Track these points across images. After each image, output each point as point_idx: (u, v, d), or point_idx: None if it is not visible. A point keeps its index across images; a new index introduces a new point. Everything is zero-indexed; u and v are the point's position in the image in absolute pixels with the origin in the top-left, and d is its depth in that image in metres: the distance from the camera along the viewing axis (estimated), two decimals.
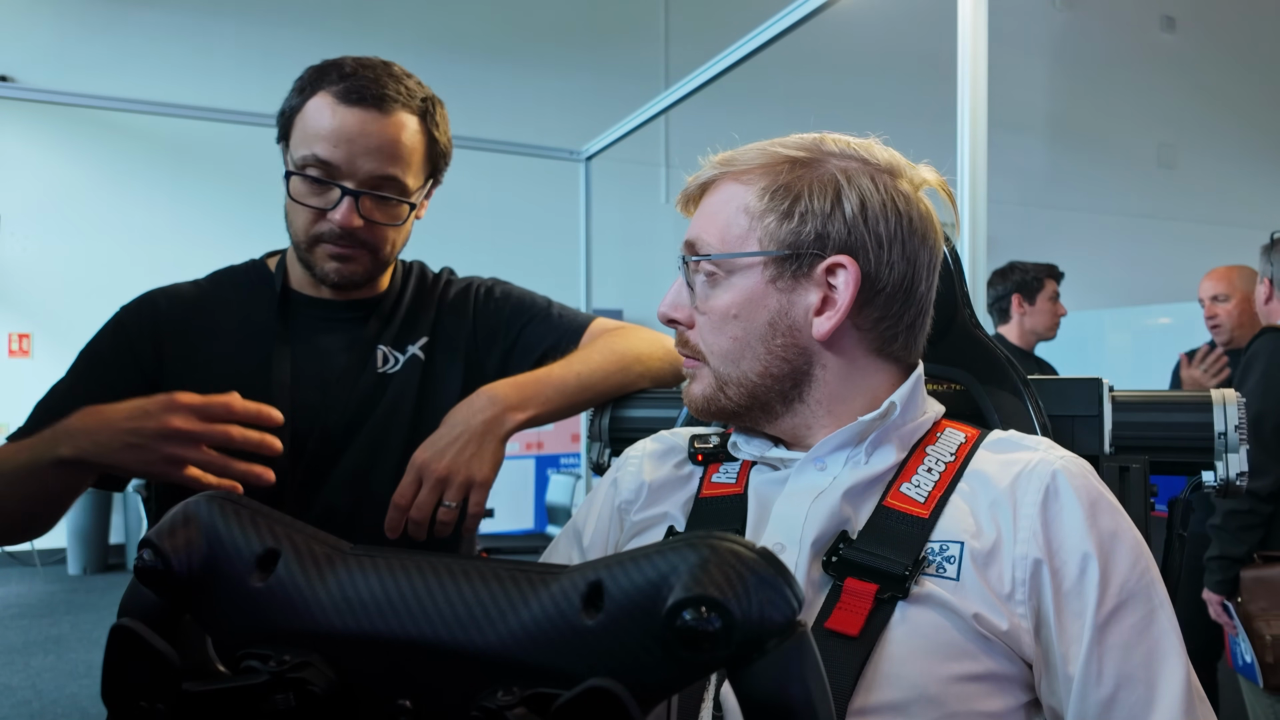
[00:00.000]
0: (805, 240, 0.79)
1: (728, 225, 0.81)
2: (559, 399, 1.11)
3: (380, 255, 1.13)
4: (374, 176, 1.07)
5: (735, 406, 0.84)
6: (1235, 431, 0.93)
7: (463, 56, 6.52)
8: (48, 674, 3.90)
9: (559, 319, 1.25)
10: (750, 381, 0.82)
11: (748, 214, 0.81)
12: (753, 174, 0.82)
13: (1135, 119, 8.97)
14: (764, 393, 0.82)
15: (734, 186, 0.83)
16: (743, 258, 0.81)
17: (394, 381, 1.17)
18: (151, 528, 0.50)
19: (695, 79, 2.69)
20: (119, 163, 5.87)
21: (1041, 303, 3.10)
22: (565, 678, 0.41)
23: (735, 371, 0.82)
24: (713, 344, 0.83)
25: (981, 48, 1.62)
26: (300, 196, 1.07)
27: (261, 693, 0.45)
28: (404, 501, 1.02)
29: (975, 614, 0.71)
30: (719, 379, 0.83)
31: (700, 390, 0.85)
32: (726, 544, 0.41)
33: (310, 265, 1.12)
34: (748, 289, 0.81)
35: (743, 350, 0.81)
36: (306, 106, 1.08)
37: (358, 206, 1.07)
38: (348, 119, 1.05)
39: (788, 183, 0.80)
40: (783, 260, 0.79)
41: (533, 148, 3.78)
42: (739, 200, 0.82)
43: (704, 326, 0.84)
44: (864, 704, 0.69)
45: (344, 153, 1.05)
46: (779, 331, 0.80)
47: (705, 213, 0.84)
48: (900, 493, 0.78)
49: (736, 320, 0.81)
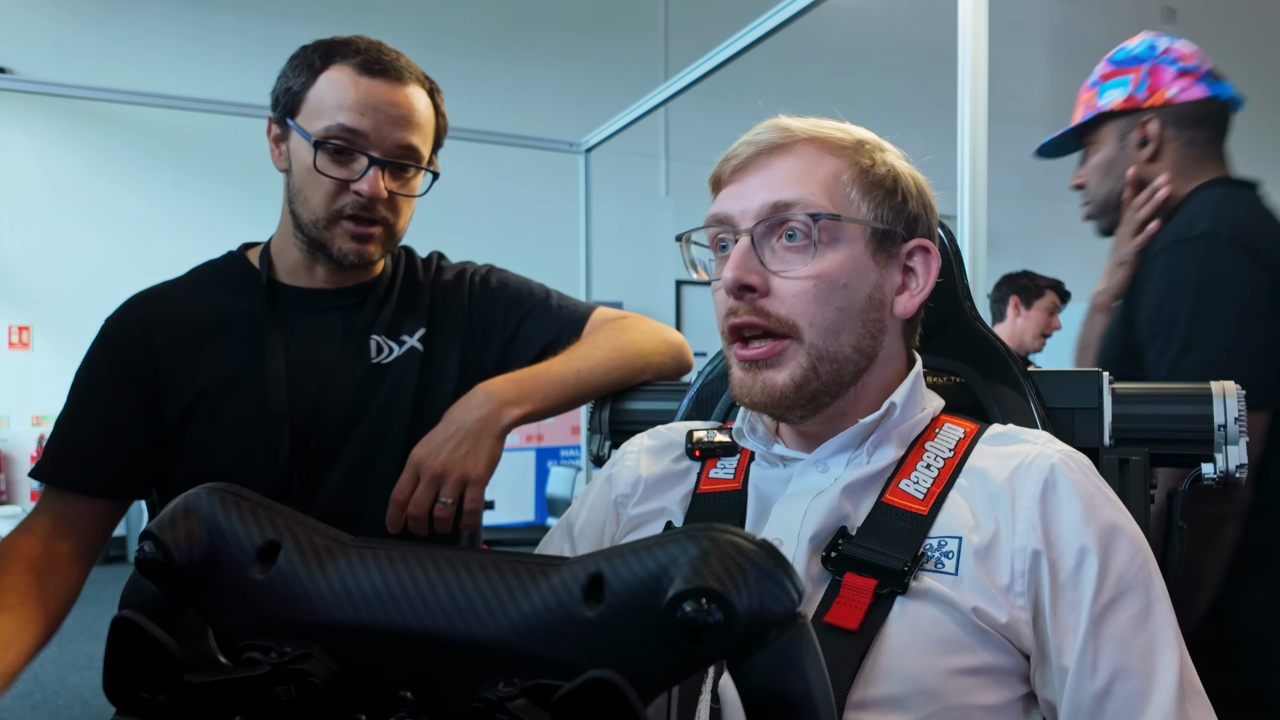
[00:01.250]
0: (902, 220, 0.81)
1: (827, 189, 0.78)
2: (558, 395, 1.11)
3: (395, 230, 1.13)
4: (399, 146, 1.07)
5: (821, 388, 0.79)
6: (1235, 423, 0.93)
7: (462, 48, 6.50)
8: (49, 665, 3.91)
9: (559, 309, 1.23)
10: (844, 356, 0.79)
11: (853, 184, 0.80)
12: (842, 147, 0.81)
13: None
14: (850, 371, 0.80)
15: (819, 154, 0.80)
16: (853, 224, 0.79)
17: (391, 373, 1.16)
18: (152, 520, 0.50)
19: (695, 71, 2.69)
20: (118, 155, 5.86)
21: (1036, 311, 3.11)
22: (566, 669, 0.41)
23: (834, 345, 0.78)
24: (815, 314, 0.77)
25: (982, 40, 1.61)
26: (325, 168, 1.06)
27: (263, 684, 0.45)
28: (402, 498, 1.02)
29: (974, 608, 0.71)
30: (815, 354, 0.78)
31: (789, 374, 0.78)
32: (727, 536, 0.41)
33: (325, 245, 1.10)
34: (855, 258, 0.79)
35: (845, 322, 0.78)
36: (320, 80, 1.07)
37: (383, 176, 1.07)
38: (373, 89, 1.06)
39: (881, 162, 0.81)
40: (885, 235, 0.81)
41: (532, 139, 3.76)
42: (830, 168, 0.79)
43: (803, 295, 0.77)
44: (862, 697, 0.69)
45: (371, 121, 1.05)
46: (874, 305, 0.80)
47: (788, 174, 0.79)
48: (899, 489, 0.78)
49: (845, 289, 0.78)
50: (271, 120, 1.12)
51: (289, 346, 1.13)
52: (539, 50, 6.82)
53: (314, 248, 1.12)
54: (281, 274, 1.17)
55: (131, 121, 5.78)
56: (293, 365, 1.12)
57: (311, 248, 1.12)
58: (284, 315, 1.15)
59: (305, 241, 1.12)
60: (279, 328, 1.14)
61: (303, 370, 1.13)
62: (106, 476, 1.10)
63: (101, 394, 1.11)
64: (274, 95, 1.12)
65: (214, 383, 1.11)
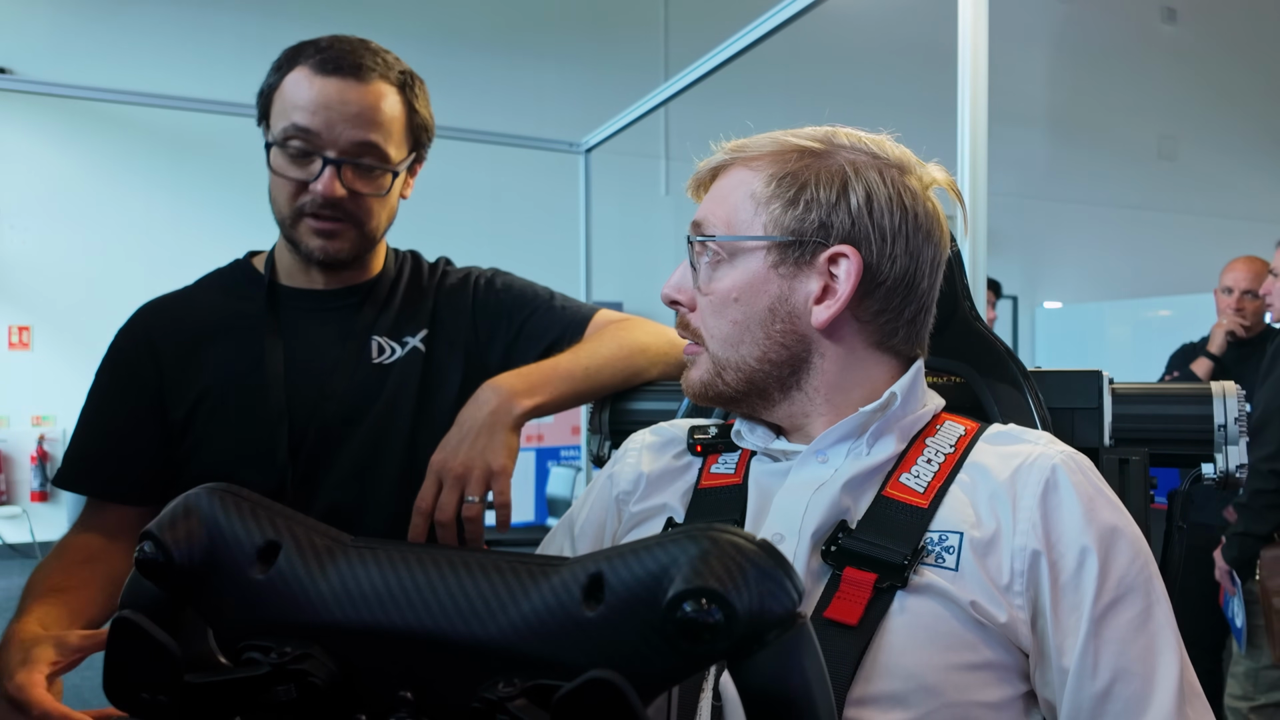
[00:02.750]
0: (809, 228, 0.79)
1: (735, 209, 0.82)
2: (566, 388, 1.11)
3: (366, 229, 1.12)
4: (355, 144, 1.06)
5: (732, 392, 0.84)
6: (1235, 424, 0.93)
7: (462, 48, 6.50)
8: None
9: (562, 310, 1.23)
10: (748, 366, 0.82)
11: (754, 199, 0.81)
12: (762, 161, 0.82)
13: (1136, 111, 8.95)
14: (761, 379, 0.83)
15: (743, 172, 0.83)
16: (747, 241, 0.81)
17: (393, 373, 1.16)
18: (153, 520, 0.50)
19: (695, 71, 2.68)
20: (118, 155, 5.86)
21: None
22: (566, 669, 0.41)
23: (734, 356, 0.83)
24: (713, 327, 0.83)
25: (982, 40, 1.61)
26: (281, 169, 1.07)
27: (263, 684, 0.45)
28: (426, 505, 1.01)
29: (973, 602, 0.71)
30: (717, 363, 0.84)
31: (698, 375, 0.86)
32: (727, 536, 0.41)
33: (295, 244, 1.11)
34: (750, 273, 0.81)
35: (742, 334, 0.82)
36: (284, 82, 1.08)
37: (340, 176, 1.06)
38: (326, 88, 1.05)
39: (795, 170, 0.80)
40: (786, 246, 0.80)
41: (532, 140, 3.76)
42: (747, 186, 0.82)
43: (705, 309, 0.84)
44: (863, 694, 0.69)
45: (323, 120, 1.05)
46: (779, 317, 0.81)
47: (714, 196, 0.85)
48: (899, 483, 0.78)
49: (737, 304, 0.82)
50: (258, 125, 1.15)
51: (289, 347, 1.14)
52: (539, 50, 6.82)
53: (291, 245, 1.14)
54: (282, 277, 1.18)
55: (131, 121, 5.78)
56: (292, 365, 1.13)
57: (290, 245, 1.14)
58: (284, 317, 1.16)
59: (284, 239, 1.15)
60: (279, 329, 1.15)
61: (302, 370, 1.13)
62: (128, 484, 1.12)
63: (117, 407, 1.14)
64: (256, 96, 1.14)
65: (215, 383, 1.12)
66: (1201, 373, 3.02)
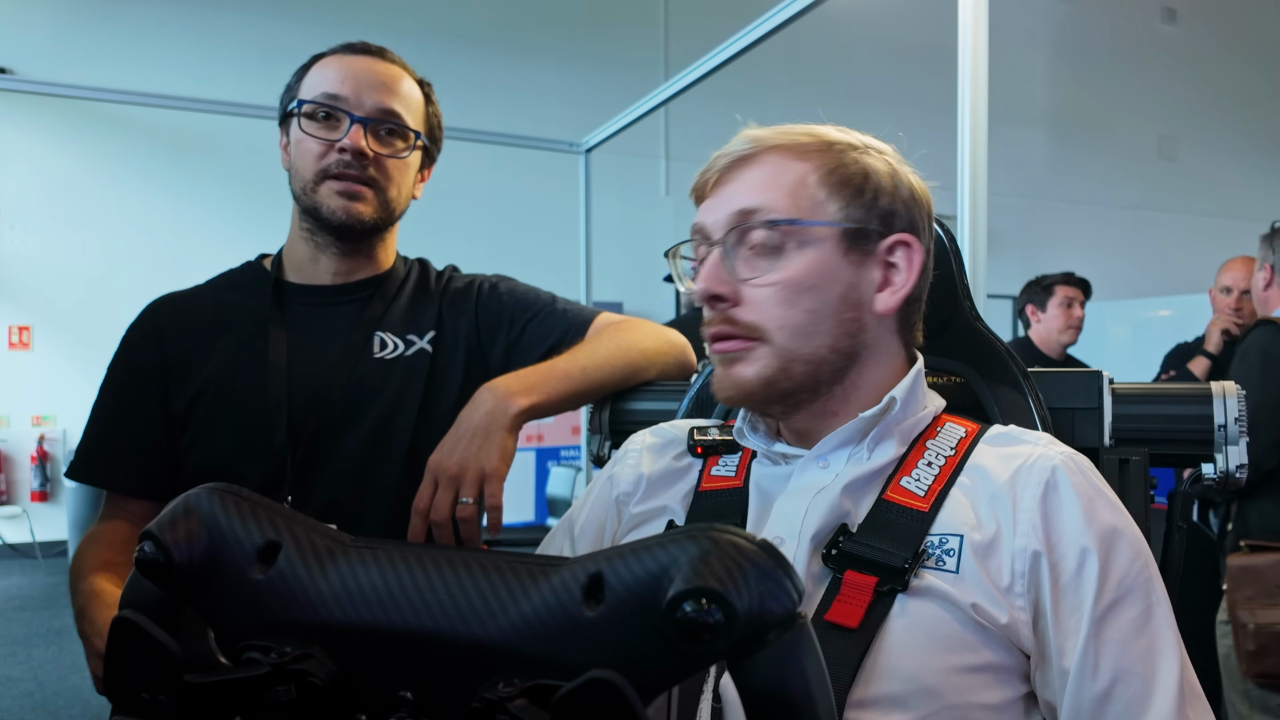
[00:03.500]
0: (874, 217, 0.81)
1: (791, 195, 0.80)
2: (564, 388, 1.11)
3: (386, 197, 1.16)
4: (379, 109, 1.13)
5: (796, 386, 0.80)
6: (1235, 424, 0.93)
7: (462, 48, 6.50)
8: (50, 666, 3.91)
9: (564, 313, 1.24)
10: (819, 357, 0.80)
11: (816, 187, 0.80)
12: (808, 151, 0.82)
13: (1136, 111, 8.95)
14: (827, 370, 0.81)
15: (786, 160, 0.81)
16: (819, 227, 0.80)
17: (396, 370, 1.17)
18: (153, 520, 0.50)
19: (695, 71, 2.68)
20: (118, 155, 5.86)
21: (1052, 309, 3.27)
22: (566, 669, 0.41)
23: (806, 347, 0.79)
24: (782, 318, 0.79)
25: (982, 39, 1.61)
26: (310, 130, 1.12)
27: (263, 684, 0.45)
28: (422, 505, 1.01)
29: (974, 604, 0.71)
30: (785, 356, 0.79)
31: (756, 371, 0.80)
32: (727, 536, 0.41)
33: (316, 209, 1.13)
34: (822, 260, 0.80)
35: (817, 323, 0.79)
36: (310, 72, 1.16)
37: (365, 137, 1.12)
38: (353, 62, 1.15)
39: (850, 161, 0.82)
40: (855, 234, 0.80)
41: (532, 140, 3.76)
42: (796, 173, 0.81)
43: (767, 300, 0.79)
44: (863, 696, 0.69)
45: (351, 86, 1.12)
46: (849, 305, 0.81)
47: (756, 183, 0.81)
48: (900, 486, 0.78)
49: (813, 291, 0.79)
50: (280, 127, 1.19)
51: (293, 338, 1.15)
52: (539, 50, 6.82)
53: (312, 222, 1.15)
54: (290, 273, 1.20)
55: (132, 122, 5.78)
56: (295, 355, 1.14)
57: (311, 227, 1.16)
58: (290, 310, 1.18)
59: (309, 226, 1.16)
60: (283, 321, 1.16)
61: (304, 360, 1.14)
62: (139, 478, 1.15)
63: (124, 396, 1.16)
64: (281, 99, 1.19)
65: (218, 373, 1.13)
66: (1199, 372, 3.02)
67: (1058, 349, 3.26)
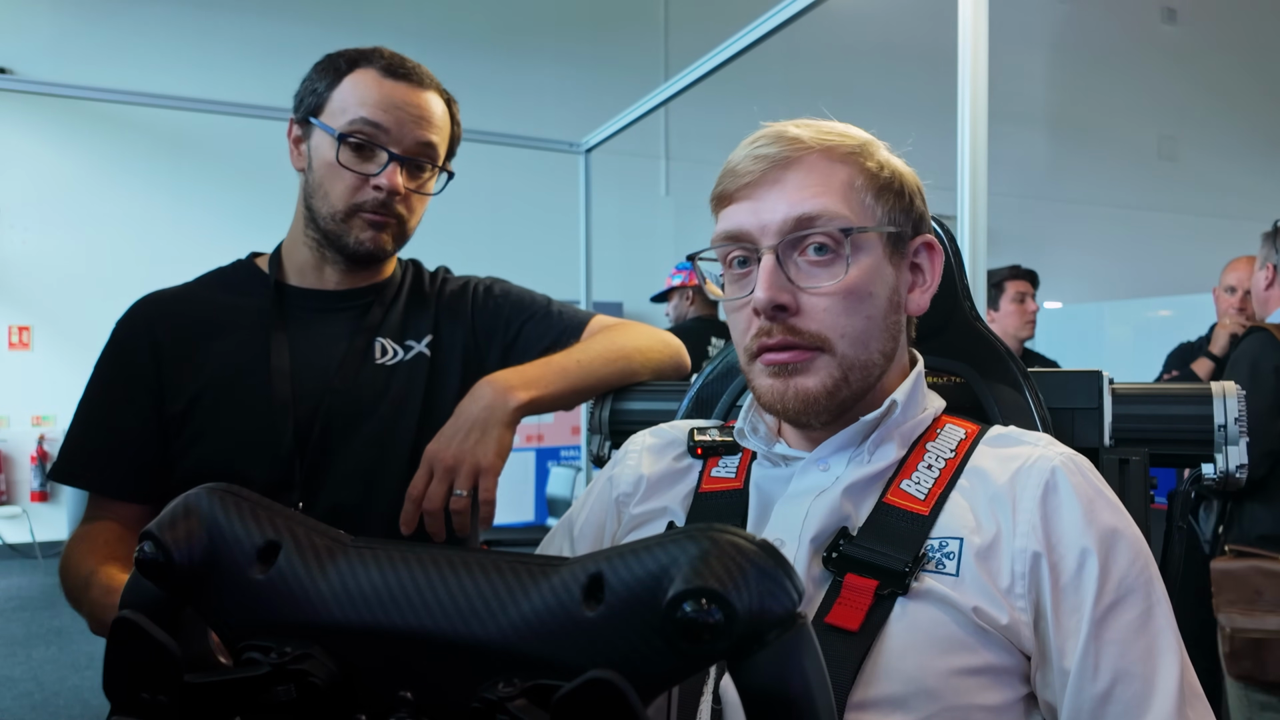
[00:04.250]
0: (909, 219, 0.82)
1: (844, 199, 0.78)
2: (561, 382, 1.12)
3: (406, 229, 1.17)
4: (417, 144, 1.13)
5: (853, 395, 0.79)
6: (1235, 424, 0.93)
7: (462, 48, 6.50)
8: (50, 666, 3.91)
9: (559, 316, 1.25)
10: (874, 363, 0.80)
11: (864, 190, 0.79)
12: (848, 153, 0.80)
13: (1136, 111, 8.95)
14: (875, 375, 0.80)
15: (829, 163, 0.79)
16: (873, 232, 0.79)
17: (397, 375, 1.17)
18: (153, 520, 0.50)
19: (695, 71, 2.68)
20: (118, 155, 5.86)
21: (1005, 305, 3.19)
22: (566, 669, 0.41)
23: (864, 354, 0.78)
24: (845, 326, 0.77)
25: (982, 39, 1.61)
26: (347, 163, 1.10)
27: (263, 684, 0.45)
28: (416, 493, 1.03)
29: (975, 607, 0.71)
30: (846, 364, 0.78)
31: (820, 381, 0.77)
32: (727, 536, 0.41)
33: (341, 237, 1.13)
34: (874, 266, 0.79)
35: (873, 330, 0.79)
36: (345, 81, 1.12)
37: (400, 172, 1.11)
38: (396, 89, 1.12)
39: (883, 162, 0.82)
40: (896, 238, 0.81)
41: (532, 140, 3.76)
42: (842, 176, 0.79)
43: (830, 308, 0.77)
44: (863, 698, 0.69)
45: (393, 119, 1.10)
46: (894, 308, 0.81)
47: (806, 187, 0.77)
48: (900, 490, 0.78)
49: (870, 298, 0.78)
50: (293, 121, 1.16)
51: (294, 344, 1.15)
52: (539, 51, 6.82)
53: (327, 242, 1.14)
54: (290, 276, 1.19)
55: (132, 122, 5.78)
56: (297, 359, 1.14)
57: (324, 244, 1.15)
58: (290, 315, 1.17)
59: (318, 238, 1.15)
60: (284, 326, 1.15)
61: (306, 366, 1.14)
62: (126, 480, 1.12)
63: (116, 397, 1.13)
64: (297, 98, 1.16)
65: (218, 377, 1.12)
66: (1203, 373, 3.02)
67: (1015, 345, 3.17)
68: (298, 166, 1.16)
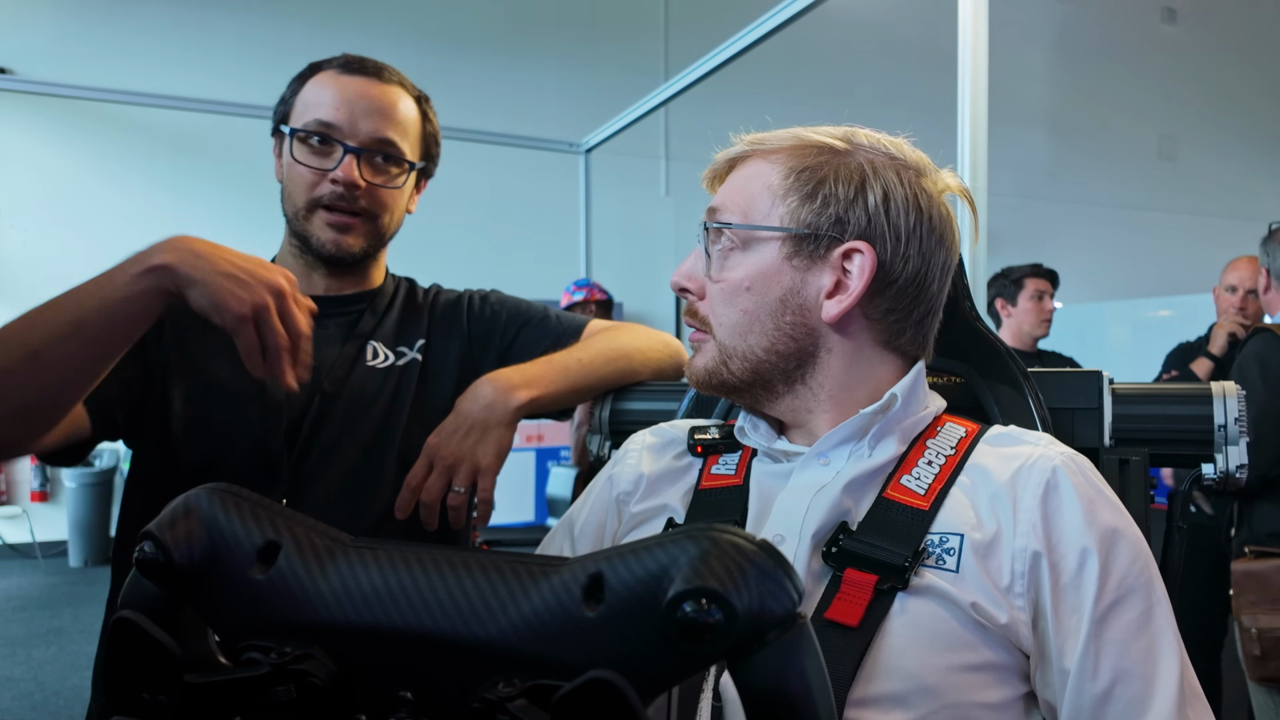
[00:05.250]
0: (825, 222, 0.80)
1: (752, 199, 0.83)
2: (562, 381, 1.12)
3: (378, 225, 1.16)
4: (374, 138, 1.11)
5: (737, 381, 0.84)
6: (1235, 424, 0.93)
7: (462, 49, 6.50)
8: (49, 666, 3.91)
9: (556, 321, 1.26)
10: (755, 356, 0.82)
11: (771, 191, 0.82)
12: (781, 154, 0.83)
13: (1136, 111, 8.95)
14: (767, 370, 0.83)
15: (761, 164, 0.84)
16: (762, 231, 0.81)
17: (389, 377, 1.17)
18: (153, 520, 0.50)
19: (695, 71, 2.69)
20: (118, 155, 5.86)
21: (1023, 302, 3.20)
22: (566, 669, 0.41)
23: (741, 345, 0.83)
24: (722, 315, 0.84)
25: (982, 40, 1.61)
26: (302, 158, 1.11)
27: (263, 684, 0.45)
28: (415, 482, 1.03)
29: (974, 603, 0.71)
30: (724, 351, 0.84)
31: (703, 363, 0.86)
32: (727, 536, 0.41)
33: (306, 237, 1.13)
34: (763, 263, 0.82)
35: (751, 324, 0.82)
36: (307, 85, 1.14)
37: (358, 167, 1.11)
38: (348, 85, 1.12)
39: (814, 165, 0.81)
40: (801, 239, 0.80)
41: (532, 140, 3.77)
42: (764, 177, 0.83)
43: (715, 297, 0.84)
44: (863, 694, 0.69)
45: (345, 114, 1.10)
46: (789, 309, 0.81)
47: (732, 185, 0.86)
48: (900, 485, 0.78)
49: (749, 293, 0.82)
50: (272, 135, 1.18)
51: None
52: (539, 51, 6.82)
53: (301, 245, 1.15)
54: None
55: (132, 122, 5.78)
56: None
57: (303, 249, 1.15)
58: None
59: (298, 244, 1.16)
60: None
61: None
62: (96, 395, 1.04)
63: None
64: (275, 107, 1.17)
65: (213, 375, 1.12)
66: (1202, 373, 3.02)
67: (1030, 344, 3.21)
68: (278, 178, 1.18)
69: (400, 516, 1.04)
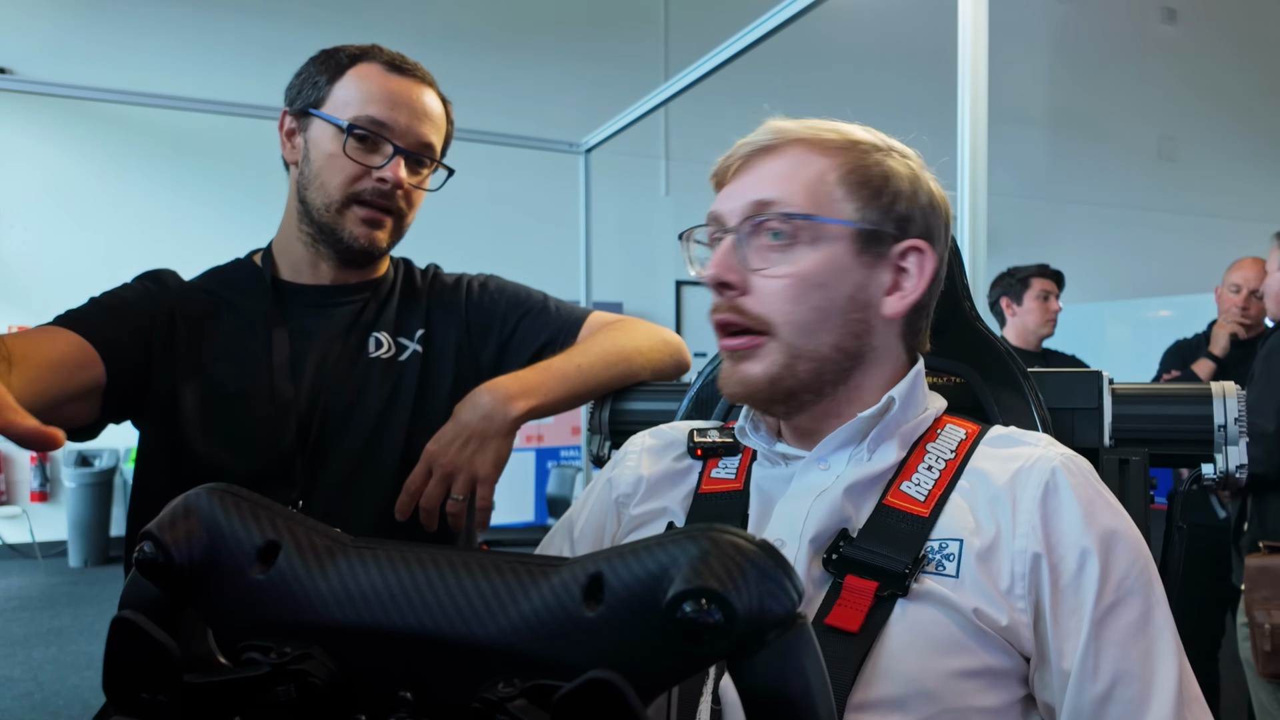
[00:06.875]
0: (891, 220, 0.81)
1: (811, 190, 0.79)
2: (561, 388, 1.11)
3: (402, 225, 1.17)
4: (420, 141, 1.14)
5: (800, 385, 0.80)
6: (1235, 424, 0.93)
7: (462, 48, 6.50)
8: (49, 666, 3.91)
9: (556, 313, 1.25)
10: (823, 355, 0.79)
11: (834, 184, 0.80)
12: (830, 149, 0.82)
13: (1136, 111, 8.95)
14: (829, 370, 0.80)
15: (807, 154, 0.81)
16: (834, 225, 0.79)
17: (392, 371, 1.17)
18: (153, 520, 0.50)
19: (695, 71, 2.68)
20: (118, 155, 5.86)
21: (1029, 302, 3.19)
22: (566, 669, 0.41)
23: (811, 344, 0.79)
24: (790, 312, 0.78)
25: (982, 39, 1.61)
26: (353, 154, 1.11)
27: (262, 684, 0.45)
28: (414, 487, 1.04)
29: (975, 609, 0.71)
30: (791, 352, 0.79)
31: (764, 368, 0.79)
32: (727, 536, 0.41)
33: (335, 230, 1.12)
34: (834, 258, 0.79)
35: (823, 321, 0.79)
36: (349, 75, 1.13)
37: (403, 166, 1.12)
38: (400, 85, 1.13)
39: (873, 162, 0.81)
40: (869, 235, 0.80)
41: (532, 140, 3.76)
42: (816, 168, 0.80)
43: (775, 293, 0.79)
44: (863, 699, 0.69)
45: (400, 116, 1.12)
46: (857, 305, 0.80)
47: (775, 174, 0.81)
48: (900, 491, 0.78)
49: (822, 289, 0.79)
50: (286, 113, 1.16)
51: (293, 340, 1.14)
52: (539, 51, 6.82)
53: (321, 236, 1.14)
54: (285, 272, 1.18)
55: (132, 122, 5.78)
56: (297, 358, 1.14)
57: (318, 238, 1.14)
58: (290, 310, 1.17)
59: (312, 232, 1.14)
60: (283, 322, 1.15)
61: (304, 362, 1.14)
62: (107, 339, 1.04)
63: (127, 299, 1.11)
64: (292, 90, 1.15)
65: (219, 371, 1.11)
66: (1203, 374, 3.02)
67: (1034, 343, 3.20)
68: (291, 160, 1.15)
69: (400, 519, 1.04)
